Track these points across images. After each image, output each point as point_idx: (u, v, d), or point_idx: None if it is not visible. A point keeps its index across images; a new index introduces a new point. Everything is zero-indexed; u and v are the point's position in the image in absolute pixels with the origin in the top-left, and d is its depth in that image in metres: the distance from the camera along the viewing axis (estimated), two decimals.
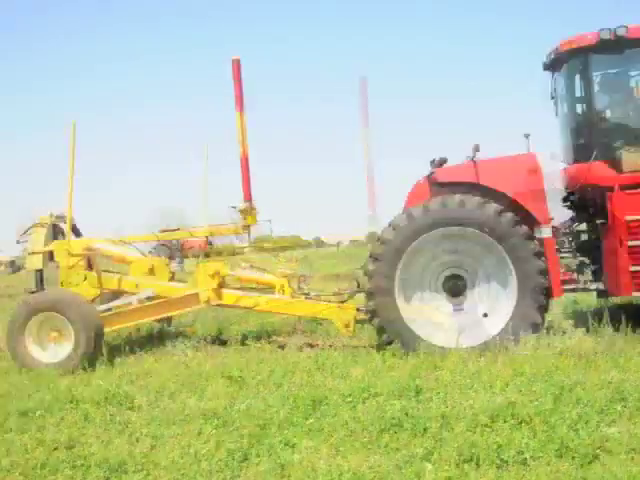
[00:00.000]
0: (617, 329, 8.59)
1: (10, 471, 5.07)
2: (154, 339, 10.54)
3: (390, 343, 8.71)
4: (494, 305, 8.84)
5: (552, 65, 10.00)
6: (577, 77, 9.54)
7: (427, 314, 8.94)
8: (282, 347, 9.41)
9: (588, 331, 8.70)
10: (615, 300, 11.11)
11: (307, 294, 10.22)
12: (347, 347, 9.49)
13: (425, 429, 5.41)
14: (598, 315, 9.14)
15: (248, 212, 10.33)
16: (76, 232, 10.65)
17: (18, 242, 10.46)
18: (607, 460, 4.67)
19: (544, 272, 8.57)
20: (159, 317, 10.19)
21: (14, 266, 58.44)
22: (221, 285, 9.87)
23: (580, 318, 9.47)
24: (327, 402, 6.23)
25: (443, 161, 9.42)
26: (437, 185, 9.19)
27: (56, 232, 10.43)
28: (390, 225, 8.90)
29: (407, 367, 7.60)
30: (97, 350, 8.99)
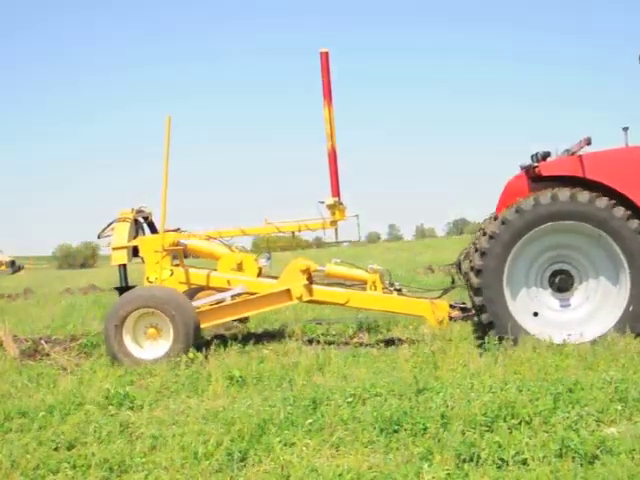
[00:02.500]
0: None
1: (10, 471, 5.07)
2: None
3: (501, 339, 8.48)
4: (602, 303, 8.80)
5: None
6: None
7: (534, 309, 8.89)
8: (283, 347, 9.40)
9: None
10: None
11: (399, 290, 10.16)
12: (348, 347, 9.50)
13: (425, 429, 5.41)
14: None
15: (336, 207, 10.16)
16: (152, 228, 10.60)
17: (99, 237, 10.27)
18: (607, 460, 4.67)
19: None
20: (252, 314, 10.15)
21: (14, 266, 58.56)
22: (310, 281, 9.83)
23: None
24: (327, 402, 6.22)
25: (546, 155, 9.23)
26: (539, 179, 9.08)
27: (136, 227, 10.36)
28: (516, 211, 8.66)
29: (407, 367, 7.61)
30: (193, 347, 8.94)
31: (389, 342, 9.61)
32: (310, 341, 9.88)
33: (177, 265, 10.15)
